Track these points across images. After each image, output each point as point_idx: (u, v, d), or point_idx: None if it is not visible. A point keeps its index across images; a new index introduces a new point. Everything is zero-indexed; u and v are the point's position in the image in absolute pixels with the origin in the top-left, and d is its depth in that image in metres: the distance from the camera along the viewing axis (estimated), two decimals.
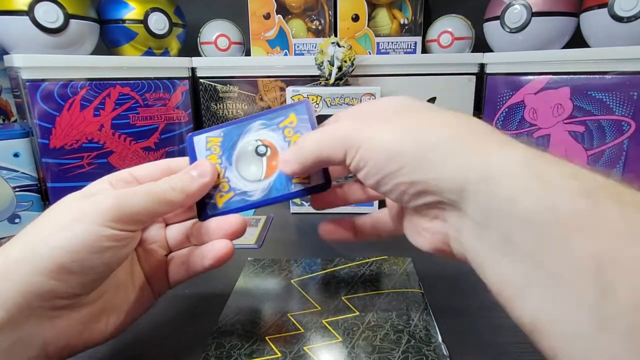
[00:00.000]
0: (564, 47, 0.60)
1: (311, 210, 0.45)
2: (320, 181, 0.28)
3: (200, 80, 0.66)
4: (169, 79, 0.62)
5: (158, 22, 0.62)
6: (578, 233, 0.15)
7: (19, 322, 0.21)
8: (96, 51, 0.61)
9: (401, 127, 0.21)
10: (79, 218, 0.22)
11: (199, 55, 0.68)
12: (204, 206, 0.28)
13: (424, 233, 0.24)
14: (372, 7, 0.67)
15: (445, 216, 0.21)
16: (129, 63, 0.59)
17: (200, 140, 0.28)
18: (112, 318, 0.25)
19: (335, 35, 0.67)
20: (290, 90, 0.56)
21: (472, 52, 0.67)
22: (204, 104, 0.67)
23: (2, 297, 0.20)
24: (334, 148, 0.23)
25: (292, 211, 0.58)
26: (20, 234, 0.23)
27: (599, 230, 0.15)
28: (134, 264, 0.28)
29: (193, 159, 0.28)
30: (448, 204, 0.20)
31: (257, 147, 0.28)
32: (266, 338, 0.30)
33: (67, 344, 0.23)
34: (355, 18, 0.66)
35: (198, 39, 0.69)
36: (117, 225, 0.22)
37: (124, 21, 0.60)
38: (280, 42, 0.68)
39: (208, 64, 0.66)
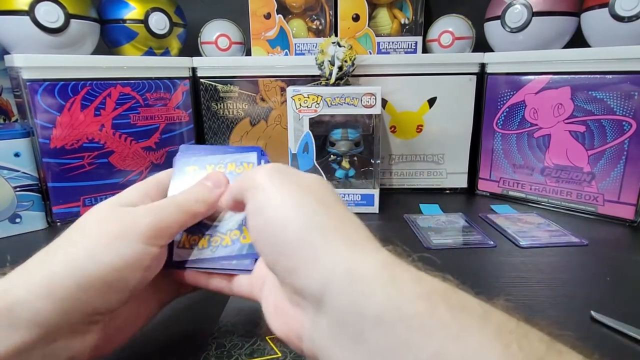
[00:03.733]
0: (565, 47, 0.60)
1: None
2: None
3: (201, 80, 0.66)
4: (169, 78, 0.62)
5: (159, 22, 0.62)
6: (418, 333, 0.16)
7: (54, 338, 0.21)
8: (97, 51, 0.61)
9: (301, 201, 0.21)
10: (123, 234, 0.22)
11: (199, 55, 0.68)
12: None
13: (284, 316, 0.23)
14: (373, 6, 0.67)
15: (305, 305, 0.20)
16: (130, 63, 0.59)
17: (180, 256, 0.28)
18: (128, 329, 0.26)
19: (336, 35, 0.67)
20: (290, 90, 0.56)
21: (472, 51, 0.67)
22: (205, 104, 0.67)
23: (43, 315, 0.20)
24: (244, 185, 0.24)
25: None
26: (61, 242, 0.23)
27: (434, 331, 0.16)
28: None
29: None
30: (310, 294, 0.20)
31: None
32: (267, 338, 0.30)
33: (91, 356, 0.23)
34: (356, 18, 0.66)
35: (199, 38, 0.69)
36: (155, 241, 0.23)
37: (124, 21, 0.60)
38: (281, 41, 0.68)
39: (209, 64, 0.66)
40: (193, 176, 0.29)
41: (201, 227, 0.28)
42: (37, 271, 0.21)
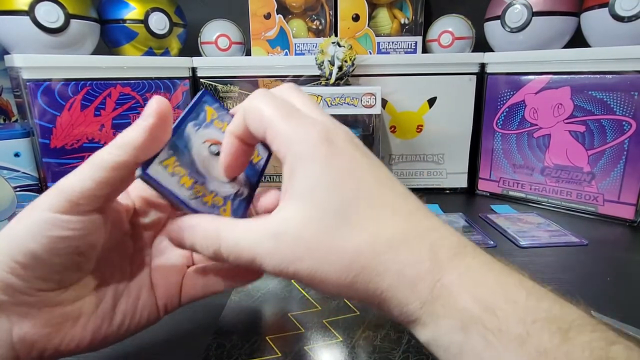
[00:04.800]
0: (565, 47, 0.60)
1: None
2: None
3: (201, 80, 0.66)
4: (169, 78, 0.62)
5: (159, 22, 0.62)
6: None
7: None
8: (97, 51, 0.61)
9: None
10: (28, 209, 0.21)
11: (199, 55, 0.68)
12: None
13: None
14: (373, 6, 0.67)
15: None
16: (130, 63, 0.59)
17: (157, 173, 0.23)
18: (91, 324, 0.22)
19: (336, 35, 0.67)
20: None
21: (472, 51, 0.67)
22: None
23: None
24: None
25: None
26: None
27: None
28: (139, 270, 0.25)
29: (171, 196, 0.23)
30: None
31: (209, 148, 0.26)
32: (266, 338, 0.30)
33: (34, 346, 0.21)
34: (356, 18, 0.66)
35: (199, 38, 0.69)
36: (65, 208, 0.20)
37: (124, 21, 0.60)
38: (281, 42, 0.68)
39: (209, 64, 0.66)
40: (206, 118, 0.26)
41: (193, 166, 0.24)
42: None
